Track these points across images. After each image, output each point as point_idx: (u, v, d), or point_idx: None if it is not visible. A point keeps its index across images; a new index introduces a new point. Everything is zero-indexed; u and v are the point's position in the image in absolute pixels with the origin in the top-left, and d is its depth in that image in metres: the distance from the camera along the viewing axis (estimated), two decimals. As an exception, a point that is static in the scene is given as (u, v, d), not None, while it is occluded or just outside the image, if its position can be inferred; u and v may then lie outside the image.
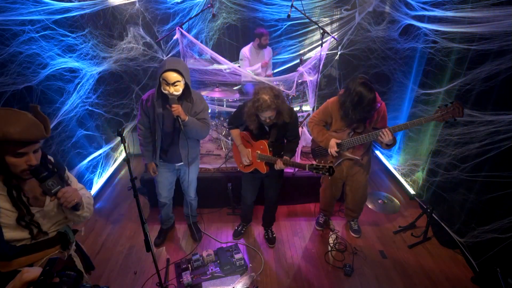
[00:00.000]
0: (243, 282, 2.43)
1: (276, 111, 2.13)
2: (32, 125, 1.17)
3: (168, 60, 2.01)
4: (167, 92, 2.03)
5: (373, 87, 2.15)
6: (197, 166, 2.64)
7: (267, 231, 2.95)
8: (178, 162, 2.45)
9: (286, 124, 2.27)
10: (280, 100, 2.10)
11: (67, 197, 1.28)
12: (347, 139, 2.39)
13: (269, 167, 2.39)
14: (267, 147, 2.31)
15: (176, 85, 2.02)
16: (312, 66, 3.33)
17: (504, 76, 2.18)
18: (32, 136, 1.18)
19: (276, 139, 2.34)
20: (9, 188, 1.24)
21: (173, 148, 2.35)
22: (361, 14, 3.94)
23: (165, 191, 2.62)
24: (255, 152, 2.40)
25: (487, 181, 2.34)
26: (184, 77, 2.04)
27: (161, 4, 3.89)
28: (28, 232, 1.29)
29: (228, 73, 3.69)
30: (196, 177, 2.68)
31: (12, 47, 2.28)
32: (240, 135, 2.49)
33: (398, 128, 2.19)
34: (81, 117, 3.26)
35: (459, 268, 2.60)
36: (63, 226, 1.47)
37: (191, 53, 3.55)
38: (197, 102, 2.24)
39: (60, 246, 1.45)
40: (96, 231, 3.06)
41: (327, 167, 2.05)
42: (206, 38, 4.45)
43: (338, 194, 2.88)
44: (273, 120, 2.19)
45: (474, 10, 2.28)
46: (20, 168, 1.21)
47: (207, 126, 2.33)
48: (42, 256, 1.38)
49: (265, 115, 2.12)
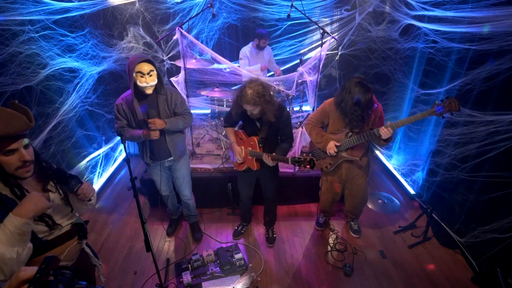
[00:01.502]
0: (243, 282, 2.42)
1: (259, 108, 2.15)
2: (13, 118, 1.17)
3: (134, 56, 2.08)
4: (144, 84, 2.08)
5: (369, 86, 2.15)
6: (187, 160, 2.65)
7: (268, 231, 2.95)
8: (168, 157, 2.47)
9: (278, 122, 2.28)
10: (263, 100, 2.09)
11: (86, 192, 1.42)
12: (345, 140, 2.38)
13: (260, 164, 2.41)
14: (257, 143, 2.34)
15: (151, 74, 2.10)
16: (312, 66, 3.33)
17: (504, 76, 2.18)
18: (16, 129, 1.18)
19: (267, 136, 2.34)
20: (11, 188, 1.24)
21: (160, 143, 2.37)
22: (361, 14, 3.94)
23: (164, 184, 2.65)
24: (247, 149, 2.42)
25: (487, 181, 2.34)
26: (155, 67, 2.12)
27: (161, 4, 3.89)
28: (45, 224, 1.35)
29: (228, 72, 3.69)
30: (188, 173, 2.68)
31: (12, 47, 2.28)
32: (234, 133, 2.52)
33: (395, 125, 2.18)
34: (80, 117, 3.26)
35: (459, 268, 2.60)
36: (75, 218, 1.54)
37: (191, 53, 3.55)
38: (173, 94, 2.31)
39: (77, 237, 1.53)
40: (96, 231, 3.05)
41: (308, 160, 2.04)
42: (207, 38, 4.45)
43: (338, 197, 2.87)
44: (257, 116, 2.23)
45: (474, 10, 2.28)
46: (15, 166, 1.21)
47: (189, 116, 2.40)
48: (64, 249, 1.45)
49: (246, 108, 2.17)
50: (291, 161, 2.13)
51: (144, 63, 2.06)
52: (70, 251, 1.47)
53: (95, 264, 1.73)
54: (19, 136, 1.21)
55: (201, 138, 4.09)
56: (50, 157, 2.76)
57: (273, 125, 2.29)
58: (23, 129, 1.21)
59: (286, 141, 2.40)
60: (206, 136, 4.15)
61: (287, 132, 2.37)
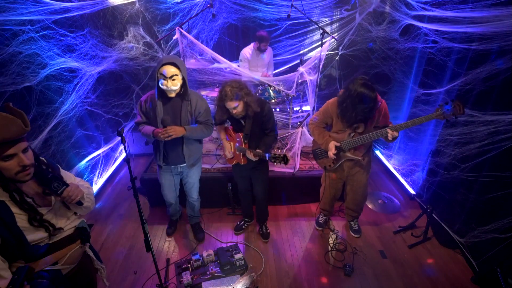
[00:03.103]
0: (243, 282, 2.42)
1: (242, 103, 2.24)
2: (9, 122, 1.14)
3: (165, 56, 2.05)
4: (164, 87, 2.05)
5: (374, 87, 2.15)
6: (199, 167, 2.66)
7: (262, 227, 3.01)
8: (181, 164, 2.45)
9: (261, 116, 2.37)
10: (242, 92, 2.20)
11: (71, 195, 1.35)
12: (348, 140, 2.39)
13: (247, 159, 2.50)
14: (242, 140, 2.44)
15: (174, 79, 2.05)
16: (312, 66, 3.33)
17: (504, 76, 2.17)
18: (12, 134, 1.15)
19: (252, 132, 2.42)
20: (10, 193, 1.23)
21: (176, 149, 2.35)
22: (361, 14, 3.94)
23: (170, 192, 2.65)
24: (235, 145, 2.54)
25: (487, 181, 2.34)
26: (181, 71, 2.07)
27: (161, 4, 3.89)
28: (44, 230, 1.32)
29: (229, 72, 3.69)
30: (198, 179, 2.71)
31: (12, 47, 2.28)
32: (225, 130, 2.62)
33: (399, 127, 2.19)
34: (80, 117, 3.26)
35: (459, 268, 2.60)
36: (79, 221, 1.53)
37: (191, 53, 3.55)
38: (199, 102, 2.28)
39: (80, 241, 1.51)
40: (96, 231, 3.05)
41: (281, 156, 2.21)
42: (207, 38, 4.44)
43: (339, 194, 2.89)
44: (242, 113, 2.30)
45: (474, 10, 2.28)
46: (14, 171, 1.19)
47: (210, 126, 2.38)
48: (66, 253, 1.43)
49: (229, 105, 2.24)
50: (268, 158, 2.26)
51: (170, 66, 2.02)
52: (72, 254, 1.46)
53: (98, 267, 1.71)
54: (17, 140, 1.19)
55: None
56: (50, 157, 2.76)
57: (256, 121, 2.40)
58: (19, 134, 1.18)
59: (270, 135, 2.49)
60: (206, 136, 4.15)
61: (270, 126, 2.47)
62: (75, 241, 1.48)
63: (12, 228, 1.20)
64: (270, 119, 2.44)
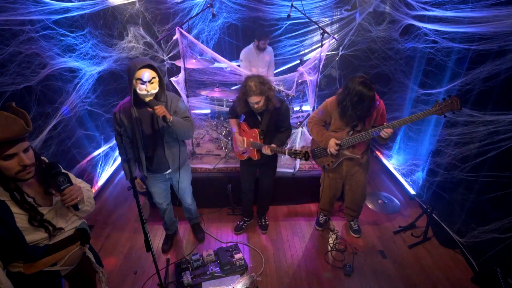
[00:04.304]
0: (243, 282, 2.42)
1: (264, 97, 2.26)
2: (11, 122, 1.14)
3: (135, 60, 1.90)
4: (144, 93, 1.91)
5: (372, 85, 2.15)
6: (189, 171, 2.55)
7: (261, 219, 3.06)
8: (167, 170, 2.32)
9: (277, 114, 2.40)
10: (266, 87, 2.22)
11: (72, 194, 1.34)
12: (347, 138, 2.39)
13: (260, 155, 2.53)
14: (258, 135, 2.47)
15: (153, 82, 1.92)
16: (312, 66, 3.33)
17: (504, 76, 2.17)
18: (14, 133, 1.15)
19: (268, 128, 2.45)
20: (11, 193, 1.23)
21: (157, 154, 2.22)
22: (361, 14, 3.94)
23: (162, 198, 2.54)
24: (249, 140, 2.55)
25: (487, 181, 2.34)
26: (158, 73, 1.95)
27: (161, 4, 3.89)
28: (44, 230, 1.31)
29: (229, 72, 3.70)
30: (189, 183, 2.61)
31: (12, 47, 2.27)
32: (238, 124, 2.64)
33: (397, 124, 2.20)
34: (80, 117, 3.26)
35: (459, 268, 2.60)
36: (80, 222, 1.53)
37: (191, 53, 3.55)
38: (174, 101, 2.14)
39: (79, 242, 1.51)
40: (96, 231, 3.05)
41: (303, 152, 2.25)
42: (207, 38, 4.45)
43: (338, 194, 2.89)
44: (262, 107, 2.31)
45: (474, 10, 2.28)
46: (14, 170, 1.19)
47: (192, 124, 2.23)
48: (65, 254, 1.43)
49: (252, 100, 2.25)
50: (288, 153, 2.29)
51: (145, 69, 1.87)
52: (71, 256, 1.46)
53: (97, 270, 1.72)
54: (18, 140, 1.19)
55: (201, 138, 4.09)
56: (50, 157, 2.75)
57: (273, 118, 2.43)
58: (21, 134, 1.18)
59: (285, 132, 2.53)
60: (206, 136, 4.15)
61: (287, 124, 2.52)
62: (75, 242, 1.48)
63: (10, 228, 1.20)
64: (287, 117, 2.49)
